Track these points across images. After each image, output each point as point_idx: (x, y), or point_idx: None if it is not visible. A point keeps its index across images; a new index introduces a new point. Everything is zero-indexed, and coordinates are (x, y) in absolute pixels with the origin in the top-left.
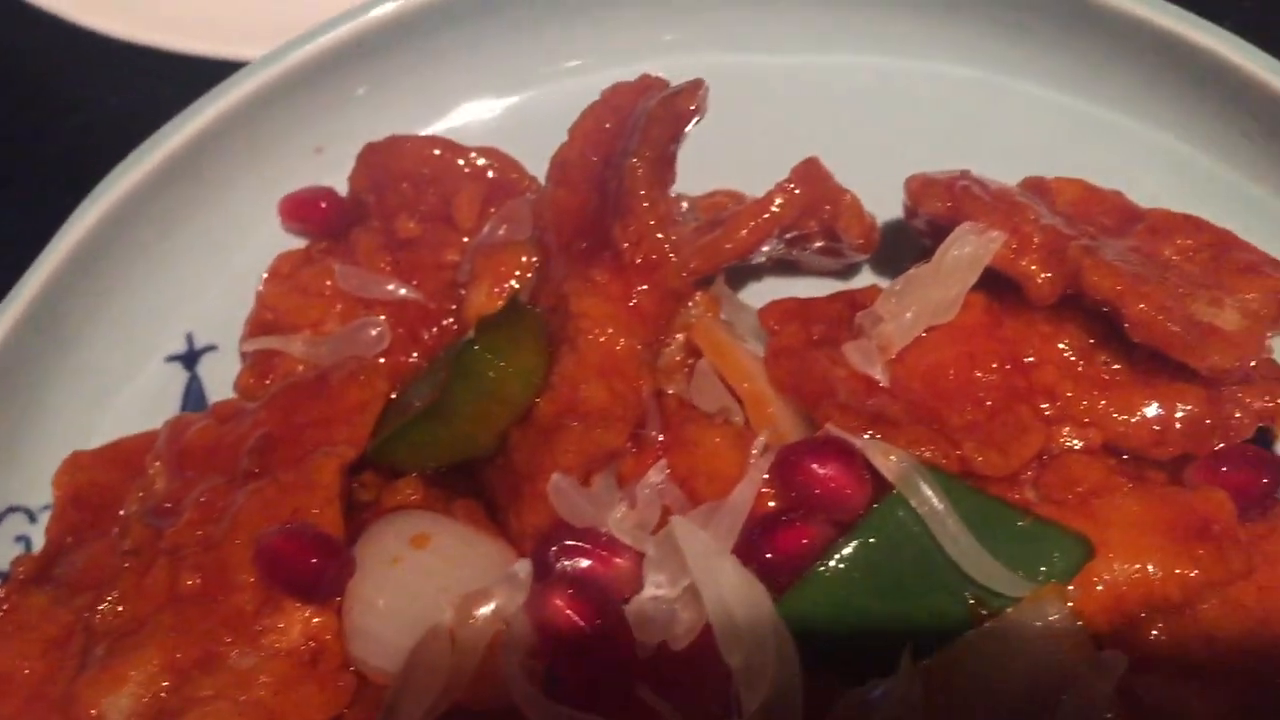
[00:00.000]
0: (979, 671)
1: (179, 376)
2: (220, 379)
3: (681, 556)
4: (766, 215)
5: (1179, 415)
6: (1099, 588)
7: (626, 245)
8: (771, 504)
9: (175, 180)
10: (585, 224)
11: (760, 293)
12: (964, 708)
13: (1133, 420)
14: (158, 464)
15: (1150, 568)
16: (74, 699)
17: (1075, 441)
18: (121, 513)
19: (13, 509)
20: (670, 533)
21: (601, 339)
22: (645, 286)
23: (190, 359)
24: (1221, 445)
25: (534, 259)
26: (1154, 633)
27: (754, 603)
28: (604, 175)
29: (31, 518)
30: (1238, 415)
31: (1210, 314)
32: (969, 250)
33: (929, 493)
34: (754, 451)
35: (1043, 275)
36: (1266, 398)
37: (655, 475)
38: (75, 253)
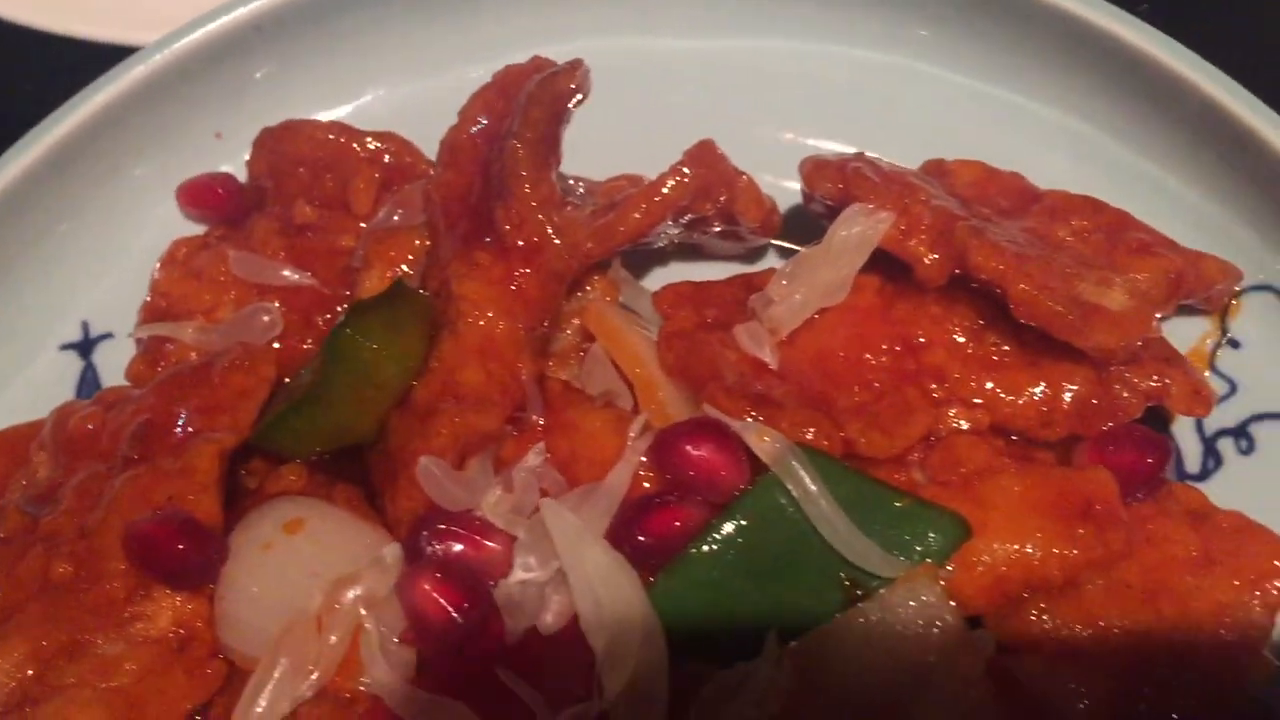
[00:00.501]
0: (849, 653)
1: (74, 365)
2: (116, 367)
3: (549, 537)
4: (658, 198)
5: (1066, 396)
6: (979, 569)
7: (508, 228)
8: (648, 486)
9: (69, 166)
10: (471, 207)
11: (664, 278)
12: (834, 690)
13: (1020, 401)
14: (41, 453)
15: (1030, 548)
16: None
17: (963, 423)
18: (1, 502)
19: None
20: (538, 511)
21: (481, 322)
22: (528, 270)
23: (85, 347)
24: (1110, 426)
25: (426, 243)
26: (1035, 614)
27: (621, 585)
28: (490, 158)
29: None
30: (1125, 395)
31: (1097, 294)
32: (857, 231)
33: (803, 474)
34: (631, 434)
35: (930, 256)
36: (1155, 378)
37: (533, 459)
38: None
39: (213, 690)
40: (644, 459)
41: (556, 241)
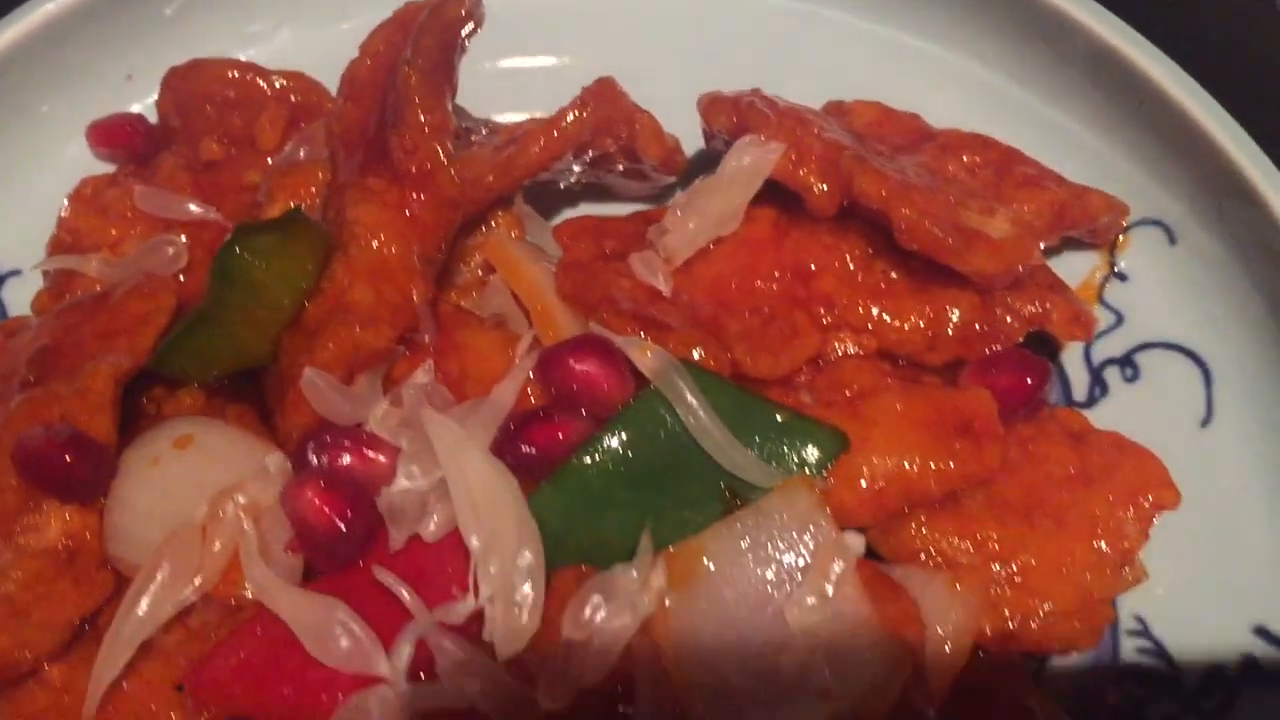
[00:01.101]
0: (724, 557)
1: None
2: (22, 304)
3: (434, 448)
4: (557, 132)
5: (951, 321)
6: (861, 483)
7: (402, 154)
8: (534, 403)
9: None
10: (369, 138)
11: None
12: (708, 592)
13: (906, 326)
14: None
15: (909, 463)
16: None
17: (851, 347)
18: None
19: None
20: (421, 424)
21: (373, 244)
22: (422, 196)
23: None
24: (993, 350)
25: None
26: (915, 527)
27: (499, 490)
28: (387, 89)
29: None
30: (1008, 320)
31: (981, 222)
32: (749, 161)
33: (683, 387)
34: (519, 351)
35: (820, 186)
36: (1037, 304)
37: (421, 376)
38: None
39: (100, 600)
40: (531, 375)
41: (450, 169)
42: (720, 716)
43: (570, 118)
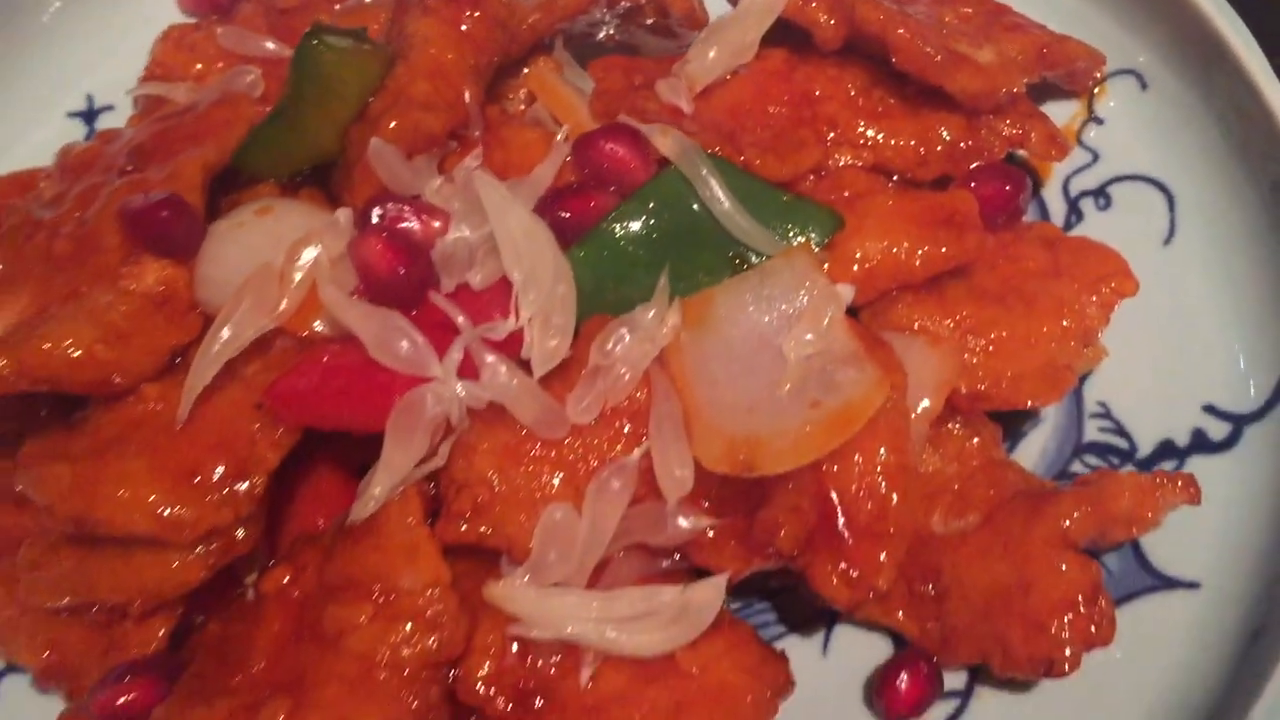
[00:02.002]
0: (731, 303)
1: (79, 130)
2: None
3: (483, 208)
4: None
5: (941, 139)
6: (854, 265)
7: None
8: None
9: None
10: None
11: None
12: (717, 330)
13: (900, 144)
14: (48, 179)
15: (897, 248)
16: None
17: (850, 160)
18: (10, 203)
19: None
20: (473, 184)
21: (431, 50)
22: (475, 14)
23: (90, 116)
24: (977, 166)
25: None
26: (904, 308)
27: (538, 236)
28: None
29: None
30: (991, 140)
31: (969, 52)
32: None
33: (701, 164)
34: (557, 138)
35: (826, 19)
36: (1017, 126)
37: (471, 160)
38: None
39: (190, 335)
40: (566, 158)
41: None
42: (724, 419)
43: None
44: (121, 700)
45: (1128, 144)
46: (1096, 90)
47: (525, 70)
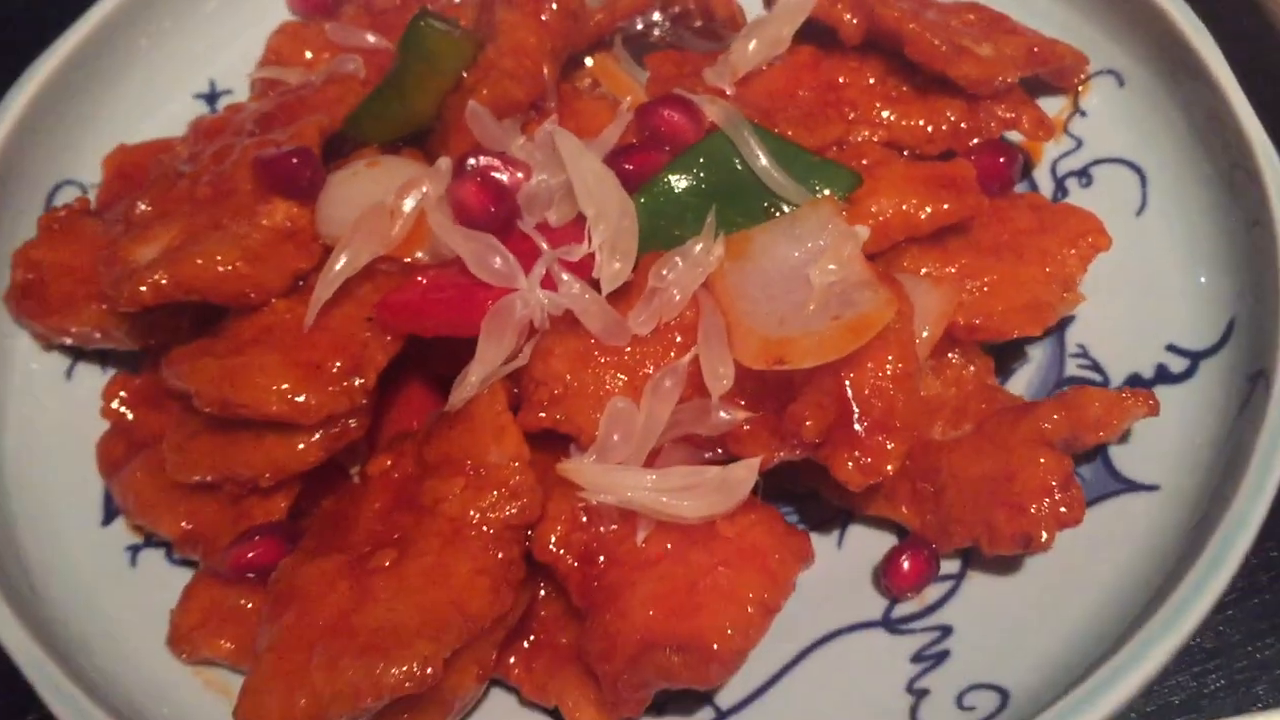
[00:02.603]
0: (767, 240)
1: (202, 108)
2: None
3: (560, 159)
4: None
5: (946, 119)
6: (869, 216)
7: None
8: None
9: None
10: None
11: None
12: (753, 262)
13: (910, 123)
14: (181, 144)
15: (906, 206)
16: (114, 255)
17: (868, 135)
18: (152, 164)
19: (68, 181)
20: (551, 140)
21: (516, 34)
22: (553, 5)
23: (212, 98)
24: (975, 143)
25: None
26: (910, 260)
27: (607, 179)
28: None
29: (83, 190)
30: (989, 121)
31: (971, 45)
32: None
33: (743, 128)
34: (621, 107)
35: (849, 16)
36: (1011, 111)
37: (548, 125)
38: (125, 5)
39: (314, 261)
40: (630, 125)
41: None
42: (759, 327)
43: None
44: (251, 555)
45: (1107, 132)
46: (1080, 87)
47: (588, 62)
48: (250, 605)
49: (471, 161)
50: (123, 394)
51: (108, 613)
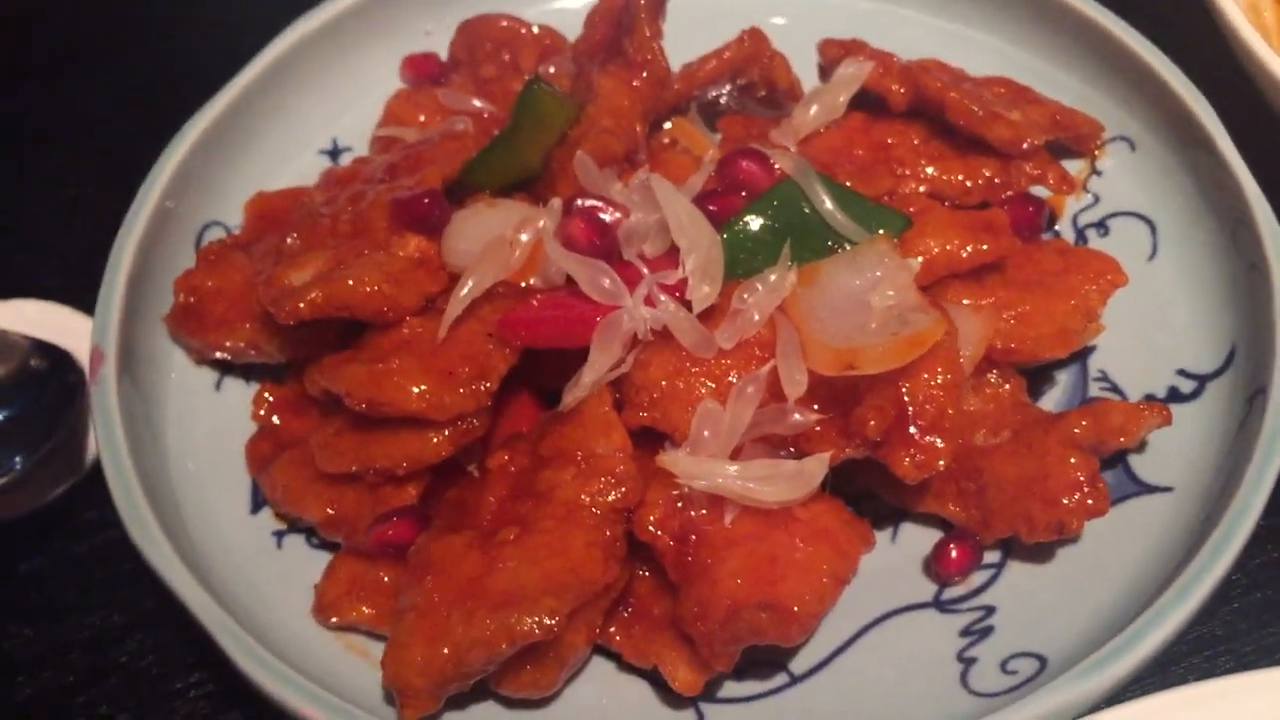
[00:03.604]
0: (831, 271)
1: (327, 163)
2: None
3: (655, 200)
4: (726, 55)
5: (982, 175)
6: (917, 256)
7: (632, 50)
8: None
9: (330, 42)
10: (605, 46)
11: None
12: (820, 289)
13: (950, 179)
14: (316, 190)
15: (949, 245)
16: (272, 279)
17: (914, 188)
18: (297, 204)
19: (215, 222)
20: (648, 185)
21: (614, 98)
22: (644, 74)
23: (335, 154)
24: (1007, 195)
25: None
26: (954, 294)
27: (697, 218)
28: (619, 17)
29: (227, 230)
30: (1018, 177)
31: (1003, 112)
32: (851, 71)
33: (810, 176)
34: (705, 159)
35: (897, 88)
36: (1038, 169)
37: (641, 174)
38: (266, 71)
39: (441, 285)
40: (711, 174)
41: (663, 60)
42: (829, 341)
43: (731, 50)
44: (391, 532)
45: (1121, 189)
46: (1097, 151)
47: (667, 125)
48: (387, 579)
49: (578, 202)
50: (270, 400)
51: (260, 588)
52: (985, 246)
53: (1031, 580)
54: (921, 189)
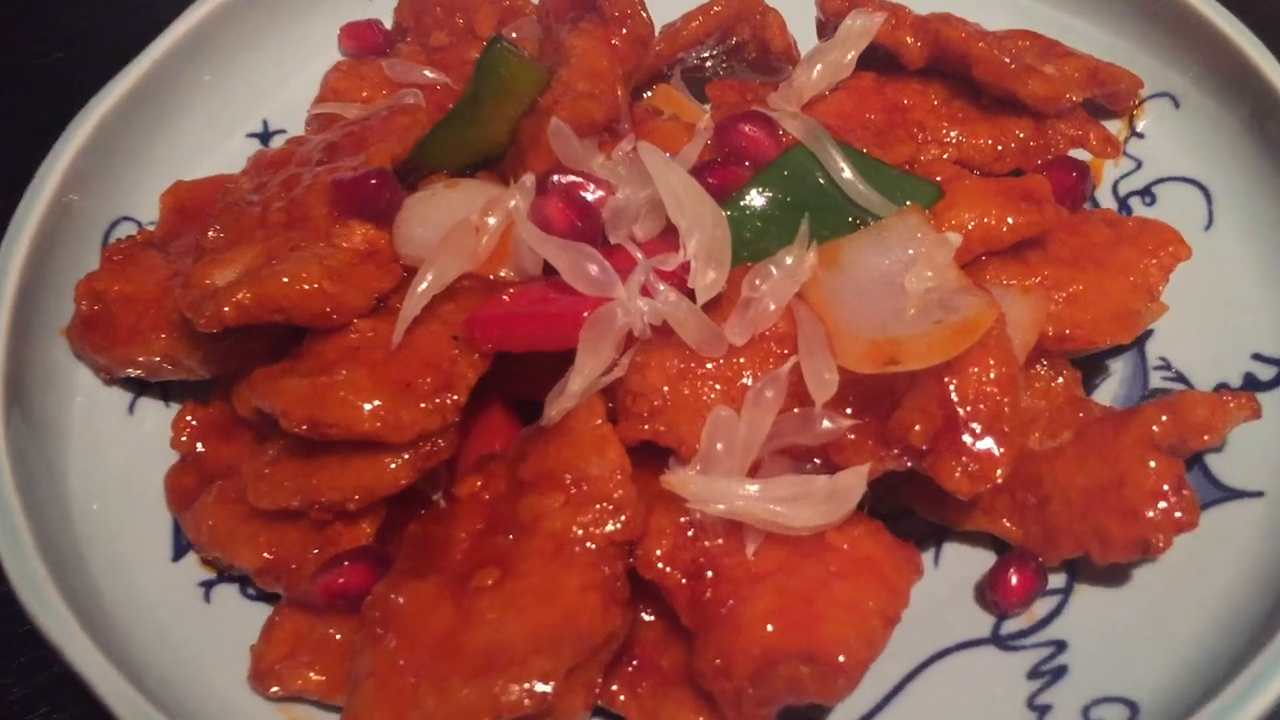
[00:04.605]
0: (858, 249)
1: (256, 146)
2: None
3: (645, 173)
4: (712, 13)
5: (1015, 138)
6: (958, 233)
7: (608, 3)
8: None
9: (256, 9)
10: (577, 2)
11: None
12: (845, 273)
13: (979, 142)
14: (244, 176)
15: (987, 217)
16: (191, 279)
17: (938, 154)
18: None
19: (125, 218)
20: (636, 156)
21: (588, 58)
22: (623, 31)
23: (265, 137)
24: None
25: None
26: (991, 274)
27: (694, 188)
28: None
29: (139, 226)
30: (1056, 138)
31: (1036, 64)
32: (859, 23)
33: (825, 141)
34: (699, 125)
35: (911, 40)
36: (1078, 129)
37: (625, 144)
38: (182, 43)
39: (394, 281)
40: (708, 143)
41: (643, 14)
42: (862, 332)
43: (719, 7)
44: (342, 580)
45: (1166, 152)
46: (1135, 110)
47: (647, 94)
48: (339, 636)
49: (554, 179)
50: (193, 424)
51: (185, 650)
52: (1027, 218)
53: (1106, 608)
54: (945, 155)
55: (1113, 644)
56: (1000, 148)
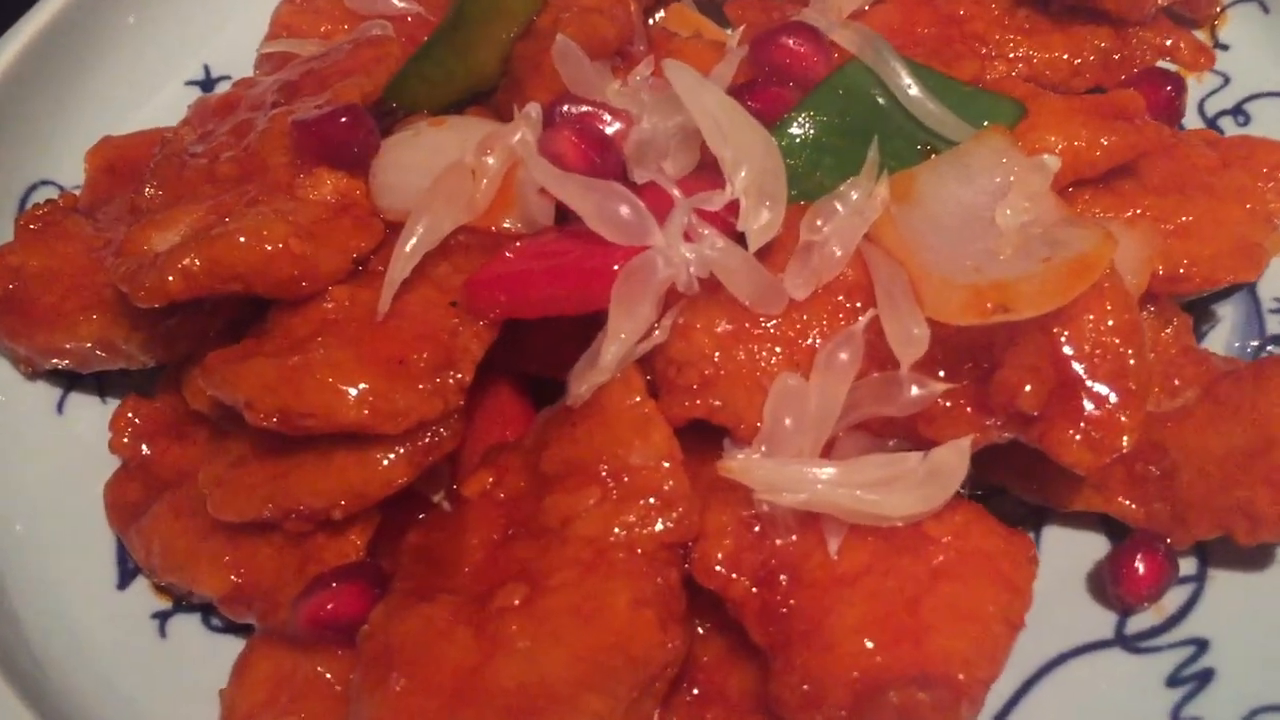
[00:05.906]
0: (935, 181)
1: (196, 95)
2: None
3: (673, 99)
4: None
5: (1094, 49)
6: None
7: None
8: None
9: None
10: None
11: None
12: (922, 207)
13: (1051, 56)
14: (185, 126)
15: (1076, 141)
16: (126, 245)
17: (1005, 72)
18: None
19: (45, 181)
20: (661, 80)
21: None
22: None
23: (207, 85)
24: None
25: None
26: (1083, 205)
27: (741, 114)
28: None
29: (61, 190)
30: (1142, 49)
31: None
32: None
33: (887, 54)
34: (731, 42)
35: None
36: (1166, 38)
37: (643, 68)
38: None
39: (375, 241)
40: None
41: None
42: (956, 276)
43: None
44: (331, 606)
45: (1257, 65)
46: (1218, 19)
47: (658, 15)
48: (329, 675)
49: (563, 108)
50: (136, 422)
51: (135, 699)
52: (1123, 140)
53: (1250, 597)
54: (1014, 73)
55: (1265, 641)
56: (1078, 61)
